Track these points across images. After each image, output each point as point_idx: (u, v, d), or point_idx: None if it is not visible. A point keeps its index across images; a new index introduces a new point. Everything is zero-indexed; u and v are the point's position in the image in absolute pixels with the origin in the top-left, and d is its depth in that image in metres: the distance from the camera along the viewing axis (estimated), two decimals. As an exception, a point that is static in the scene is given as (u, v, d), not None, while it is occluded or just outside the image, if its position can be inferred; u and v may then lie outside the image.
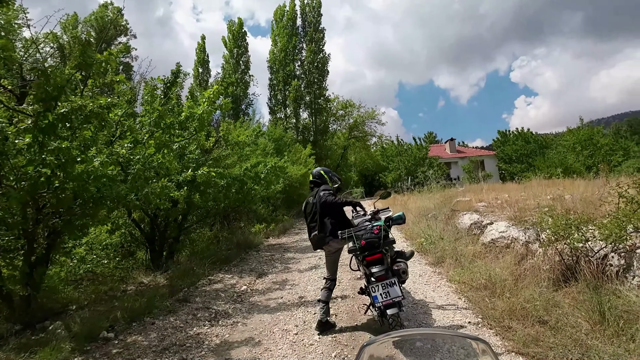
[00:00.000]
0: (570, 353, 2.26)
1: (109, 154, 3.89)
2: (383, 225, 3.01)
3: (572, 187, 7.00)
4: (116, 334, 3.43)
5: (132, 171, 4.10)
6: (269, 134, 16.57)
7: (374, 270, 2.85)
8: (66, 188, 3.47)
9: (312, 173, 3.59)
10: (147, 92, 5.58)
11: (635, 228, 3.62)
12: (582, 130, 25.17)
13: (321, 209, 3.25)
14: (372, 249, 2.92)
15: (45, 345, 3.03)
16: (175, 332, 3.43)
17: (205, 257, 6.20)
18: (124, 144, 4.50)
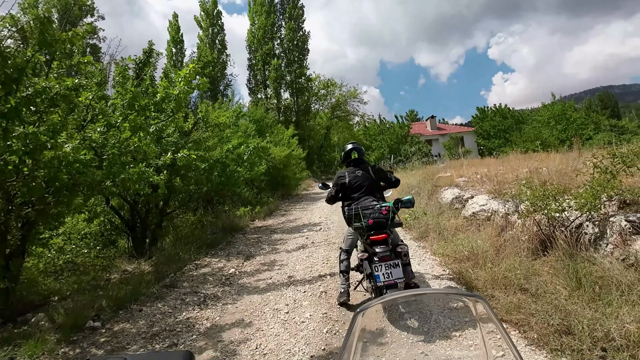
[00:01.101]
0: (551, 318, 2.38)
1: (81, 139, 3.68)
2: (392, 207, 3.00)
3: (548, 160, 7.23)
4: (103, 323, 3.37)
5: (107, 156, 3.91)
6: (249, 115, 16.19)
7: (378, 250, 2.83)
8: (36, 176, 3.28)
9: (355, 148, 3.58)
10: (118, 73, 5.27)
11: (608, 197, 3.78)
12: (555, 106, 25.91)
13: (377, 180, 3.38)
14: (379, 229, 2.91)
15: (29, 337, 2.94)
16: (164, 318, 3.39)
17: (190, 242, 6.12)
18: (96, 128, 4.28)
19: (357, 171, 3.40)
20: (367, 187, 3.30)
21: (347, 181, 3.36)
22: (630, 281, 2.68)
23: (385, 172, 3.53)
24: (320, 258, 4.90)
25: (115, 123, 4.29)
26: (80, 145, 3.45)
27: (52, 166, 3.14)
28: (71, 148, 3.30)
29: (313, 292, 3.66)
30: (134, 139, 4.41)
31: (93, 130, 4.24)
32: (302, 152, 17.23)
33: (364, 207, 3.05)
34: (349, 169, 3.46)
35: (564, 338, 2.25)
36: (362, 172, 3.39)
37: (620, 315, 2.19)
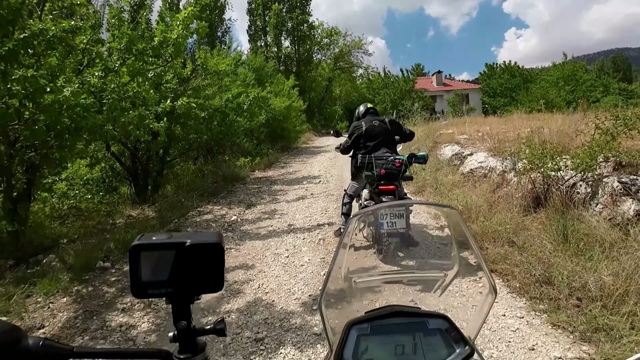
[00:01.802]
0: (534, 269, 2.55)
1: (80, 83, 3.61)
2: (405, 161, 3.05)
3: (551, 121, 7.18)
4: (112, 264, 3.57)
5: (107, 101, 3.86)
6: (249, 64, 15.57)
7: (385, 199, 2.94)
8: (38, 119, 3.27)
9: (370, 103, 3.75)
10: (113, 16, 5.00)
11: (605, 158, 3.83)
12: (566, 66, 24.97)
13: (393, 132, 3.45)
14: (390, 179, 2.99)
15: (43, 276, 3.11)
16: (169, 260, 3.59)
17: (192, 189, 6.25)
18: (94, 72, 4.17)
19: (374, 121, 3.42)
20: (383, 137, 3.34)
21: (363, 130, 3.38)
22: (613, 239, 2.83)
23: (400, 125, 3.57)
24: (319, 209, 5.06)
25: (113, 67, 4.18)
26: (79, 90, 3.40)
27: (53, 110, 3.13)
28: (71, 92, 3.26)
29: (312, 239, 3.85)
30: (133, 85, 4.32)
31: (91, 74, 4.14)
32: (302, 104, 16.88)
33: (378, 157, 3.11)
34: (365, 119, 3.47)
35: (543, 288, 2.43)
36: (379, 122, 3.41)
37: (598, 269, 2.35)
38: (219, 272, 0.55)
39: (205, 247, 0.54)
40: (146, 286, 0.53)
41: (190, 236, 0.55)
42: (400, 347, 0.61)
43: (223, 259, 0.55)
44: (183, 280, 0.54)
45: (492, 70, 30.47)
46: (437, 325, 0.62)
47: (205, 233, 0.57)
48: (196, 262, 0.54)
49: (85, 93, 3.66)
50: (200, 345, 0.57)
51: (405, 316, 0.63)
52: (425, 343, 0.61)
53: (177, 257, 0.53)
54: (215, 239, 0.55)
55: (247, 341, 2.19)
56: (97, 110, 3.90)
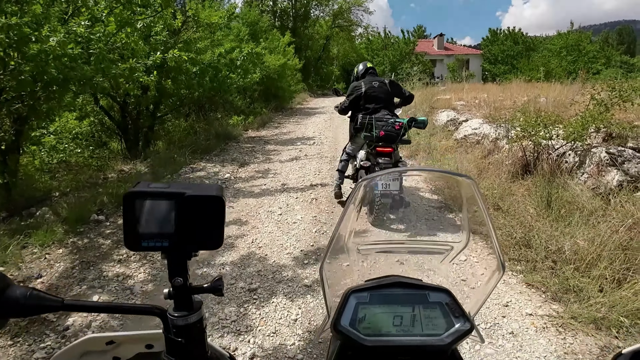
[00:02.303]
0: (515, 232, 2.67)
1: (66, 32, 3.43)
2: (405, 124, 3.05)
3: (549, 90, 7.14)
4: (106, 217, 3.61)
5: (94, 51, 3.70)
6: (242, 17, 14.77)
7: (381, 160, 2.97)
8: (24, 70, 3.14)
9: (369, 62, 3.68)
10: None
11: (597, 129, 3.89)
12: (571, 35, 24.27)
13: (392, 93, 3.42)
14: (388, 141, 3.01)
15: (37, 228, 3.13)
16: (164, 214, 3.66)
17: (184, 146, 6.20)
18: (81, 21, 3.95)
19: (374, 82, 3.36)
20: (383, 98, 3.31)
21: (363, 91, 3.33)
22: (593, 207, 2.95)
23: (400, 87, 3.52)
24: (313, 170, 5.11)
25: (100, 17, 3.96)
26: (66, 39, 3.24)
27: (39, 60, 3.00)
28: (57, 42, 3.10)
29: (304, 199, 3.93)
30: (121, 35, 4.13)
31: (77, 24, 3.93)
32: (298, 63, 16.31)
33: (378, 118, 3.09)
34: (365, 80, 3.41)
35: (522, 250, 2.57)
36: (379, 83, 3.36)
37: (575, 234, 2.48)
38: (219, 228, 0.52)
39: (205, 200, 0.51)
40: (141, 238, 0.50)
41: (190, 187, 0.52)
42: (398, 318, 0.60)
43: (224, 214, 0.52)
44: (181, 234, 0.51)
45: (495, 36, 29.49)
46: (438, 299, 0.61)
47: (206, 185, 0.54)
48: (195, 215, 0.51)
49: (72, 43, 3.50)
50: (196, 303, 0.55)
51: (406, 287, 0.62)
52: (424, 316, 0.60)
53: (176, 208, 0.50)
54: (216, 192, 0.52)
55: (241, 291, 2.32)
56: (85, 61, 3.75)
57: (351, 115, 3.55)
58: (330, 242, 0.63)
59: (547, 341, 1.85)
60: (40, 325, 2.02)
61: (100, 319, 2.09)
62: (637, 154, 3.51)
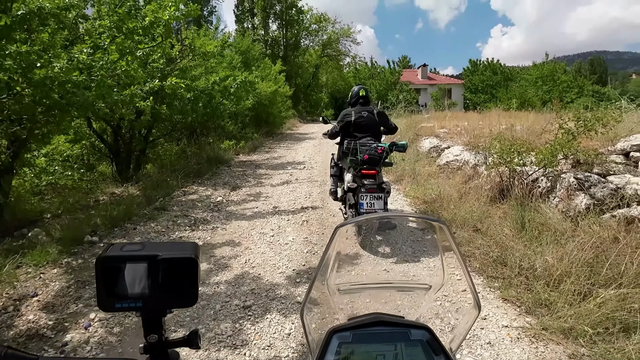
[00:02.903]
0: (492, 251, 2.88)
1: (69, 59, 3.63)
2: (387, 148, 3.30)
3: (524, 119, 7.62)
4: (100, 238, 3.67)
5: (96, 78, 3.89)
6: (235, 46, 15.34)
7: (366, 182, 3.19)
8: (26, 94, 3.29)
9: (363, 88, 3.81)
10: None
11: (564, 156, 4.22)
12: (545, 66, 25.87)
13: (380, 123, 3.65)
14: (372, 164, 3.24)
15: (31, 248, 3.17)
16: (158, 236, 3.74)
17: (176, 170, 6.32)
18: (83, 48, 4.16)
19: (364, 112, 3.59)
20: (370, 128, 3.55)
21: (352, 119, 3.56)
22: (564, 229, 3.20)
23: (387, 118, 3.77)
24: (303, 193, 5.29)
25: (102, 45, 4.18)
26: (70, 66, 3.43)
27: (43, 85, 3.15)
28: (60, 68, 3.28)
29: (296, 221, 4.08)
30: (122, 63, 4.33)
31: (79, 51, 4.13)
32: (288, 90, 16.84)
33: (362, 143, 3.33)
34: (355, 108, 3.64)
35: (499, 268, 2.76)
36: (368, 113, 3.59)
37: (545, 253, 2.70)
38: (194, 286, 0.53)
39: (179, 261, 0.52)
40: (114, 299, 0.51)
41: (163, 248, 0.53)
42: (381, 357, 0.60)
43: (197, 273, 0.53)
44: (155, 295, 0.51)
45: (476, 66, 31.18)
46: (419, 336, 0.62)
47: (180, 244, 0.55)
48: (169, 276, 0.52)
49: (75, 70, 3.68)
50: (172, 353, 0.55)
51: (388, 325, 0.62)
52: (406, 354, 0.60)
53: (149, 271, 0.51)
54: (190, 253, 0.53)
55: (236, 308, 2.41)
56: (85, 87, 3.92)
57: (340, 140, 3.78)
58: (311, 284, 0.65)
59: (521, 350, 2.01)
60: (38, 341, 2.07)
61: (98, 334, 2.15)
62: (602, 180, 3.82)
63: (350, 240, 3.03)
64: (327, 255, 0.67)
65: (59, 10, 3.06)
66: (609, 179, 3.83)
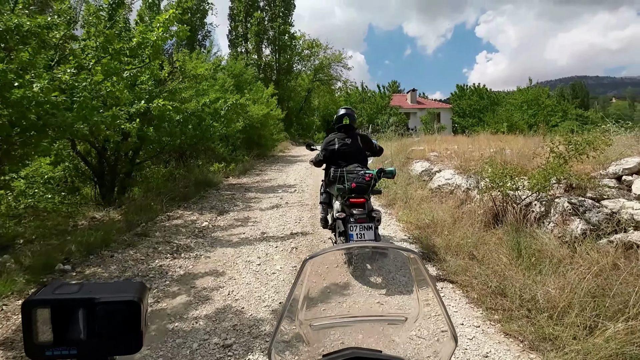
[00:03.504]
0: (490, 281, 2.73)
1: (50, 79, 3.51)
2: (375, 175, 3.16)
3: (513, 142, 7.69)
4: (73, 266, 3.43)
5: (78, 99, 3.77)
6: (228, 69, 15.51)
7: (355, 212, 3.00)
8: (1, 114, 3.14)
9: (348, 114, 3.62)
10: (91, 13, 4.89)
11: (557, 180, 4.18)
12: (530, 90, 26.77)
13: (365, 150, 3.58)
14: (360, 193, 3.07)
15: (-4, 277, 2.96)
16: (136, 264, 3.51)
17: (161, 193, 6.11)
18: (66, 69, 4.07)
19: (347, 139, 3.50)
20: (354, 156, 3.45)
21: (336, 147, 3.47)
22: (561, 255, 3.09)
23: (371, 141, 3.69)
24: (294, 218, 5.11)
25: (87, 65, 4.09)
26: (50, 86, 3.31)
27: (20, 105, 3.02)
28: (40, 88, 3.16)
29: (284, 248, 3.89)
30: (107, 84, 4.24)
31: (63, 71, 4.04)
32: (280, 113, 16.95)
33: (349, 171, 3.19)
34: (338, 135, 3.54)
35: (498, 299, 2.61)
36: (352, 140, 3.50)
37: (546, 282, 2.56)
38: (137, 332, 0.48)
39: (119, 305, 0.47)
40: (44, 346, 0.46)
41: (104, 289, 0.48)
42: None
43: (140, 317, 0.48)
44: (92, 341, 0.47)
45: (463, 91, 32.11)
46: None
47: (125, 284, 0.50)
48: (108, 321, 0.47)
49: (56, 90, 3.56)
50: None
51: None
52: None
53: (85, 315, 0.46)
54: (132, 295, 0.48)
55: (215, 347, 2.19)
56: (67, 108, 3.79)
57: (326, 167, 3.67)
58: (279, 322, 0.61)
59: (527, 394, 1.83)
60: None
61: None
62: (596, 204, 3.76)
63: (320, 274, 2.82)
64: (296, 290, 0.64)
65: (39, 29, 2.96)
66: (603, 204, 3.77)
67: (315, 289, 2.64)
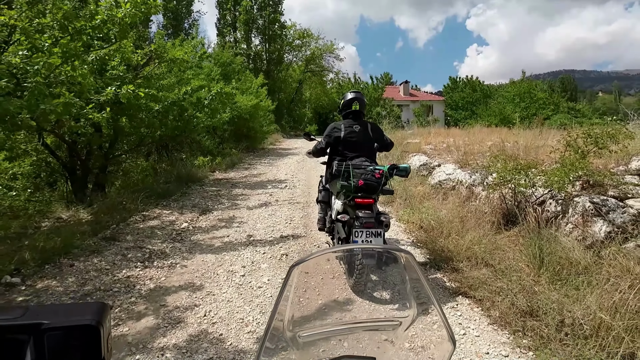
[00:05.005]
0: (516, 299, 2.31)
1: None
2: (386, 172, 2.65)
3: (510, 136, 7.35)
4: (23, 279, 2.91)
5: (29, 85, 3.20)
6: (215, 57, 14.78)
7: (361, 214, 2.52)
8: None
9: (357, 98, 3.10)
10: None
11: (576, 177, 3.79)
12: (523, 83, 26.61)
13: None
14: (368, 192, 2.58)
15: None
16: (99, 276, 3.00)
17: (138, 190, 5.56)
18: (18, 51, 3.49)
19: (355, 126, 2.99)
20: (363, 146, 2.95)
21: (342, 135, 2.95)
22: (587, 263, 2.70)
23: (381, 132, 3.16)
24: (284, 217, 4.64)
25: (42, 47, 3.51)
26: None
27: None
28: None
29: (273, 254, 3.42)
30: (67, 67, 3.67)
31: (13, 53, 3.46)
32: (271, 104, 16.31)
33: (356, 165, 2.69)
34: (345, 122, 3.04)
35: (527, 320, 2.19)
36: (361, 127, 2.99)
37: (585, 300, 2.16)
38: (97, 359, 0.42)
39: (74, 331, 0.41)
40: None
41: (54, 313, 0.43)
42: None
43: (100, 345, 0.42)
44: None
45: (455, 84, 31.80)
46: None
47: (81, 307, 0.45)
48: (59, 350, 0.41)
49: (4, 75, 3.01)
50: None
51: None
52: None
53: (32, 343, 0.40)
54: (89, 319, 0.42)
55: (182, 394, 1.73)
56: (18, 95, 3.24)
57: (327, 160, 3.16)
58: (265, 333, 0.57)
59: None
60: None
61: None
62: (620, 204, 3.39)
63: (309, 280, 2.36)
64: (283, 299, 0.60)
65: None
66: (628, 203, 3.40)
67: (303, 296, 2.24)
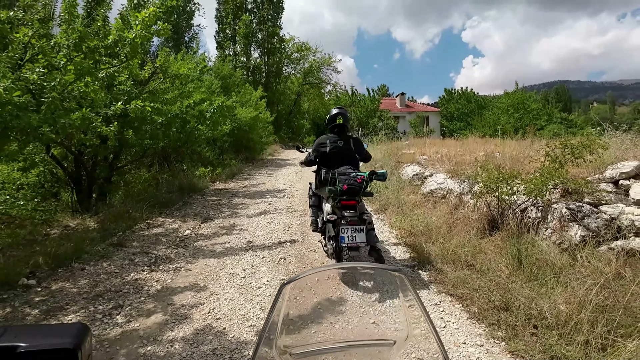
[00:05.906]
0: (493, 295, 2.54)
1: (16, 79, 3.22)
2: (366, 177, 3.11)
3: (502, 146, 7.63)
4: (39, 281, 3.12)
5: (46, 100, 3.47)
6: (215, 71, 15.18)
7: (346, 214, 2.98)
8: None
9: (341, 114, 3.48)
10: (65, 9, 4.59)
11: (554, 185, 4.06)
12: (517, 94, 27.15)
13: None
14: (352, 194, 3.04)
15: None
16: (109, 278, 3.22)
17: (142, 199, 5.79)
18: (35, 68, 3.78)
19: (339, 141, 3.43)
20: (346, 157, 3.39)
21: (327, 150, 3.40)
22: (562, 264, 2.94)
23: (362, 146, 3.60)
24: (282, 225, 4.87)
25: (57, 64, 3.80)
26: (14, 86, 3.01)
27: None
28: (3, 88, 2.87)
29: (272, 258, 3.65)
30: (80, 84, 3.96)
31: (31, 70, 3.74)
32: (270, 116, 16.67)
33: (341, 172, 3.14)
34: (331, 137, 3.46)
35: (501, 314, 2.43)
36: (344, 143, 3.43)
37: (552, 296, 2.39)
38: None
39: (50, 355, 0.41)
40: None
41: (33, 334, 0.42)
42: None
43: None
44: None
45: (451, 95, 32.42)
46: None
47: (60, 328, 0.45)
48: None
49: (21, 90, 3.27)
50: None
51: None
52: None
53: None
54: (68, 342, 0.41)
55: (190, 377, 1.94)
56: (35, 110, 3.50)
57: (316, 169, 3.55)
58: (255, 351, 0.58)
59: None
60: None
61: None
62: (595, 210, 3.64)
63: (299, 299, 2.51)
64: (273, 316, 0.61)
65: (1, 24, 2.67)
66: (602, 209, 3.65)
67: (294, 313, 2.37)
